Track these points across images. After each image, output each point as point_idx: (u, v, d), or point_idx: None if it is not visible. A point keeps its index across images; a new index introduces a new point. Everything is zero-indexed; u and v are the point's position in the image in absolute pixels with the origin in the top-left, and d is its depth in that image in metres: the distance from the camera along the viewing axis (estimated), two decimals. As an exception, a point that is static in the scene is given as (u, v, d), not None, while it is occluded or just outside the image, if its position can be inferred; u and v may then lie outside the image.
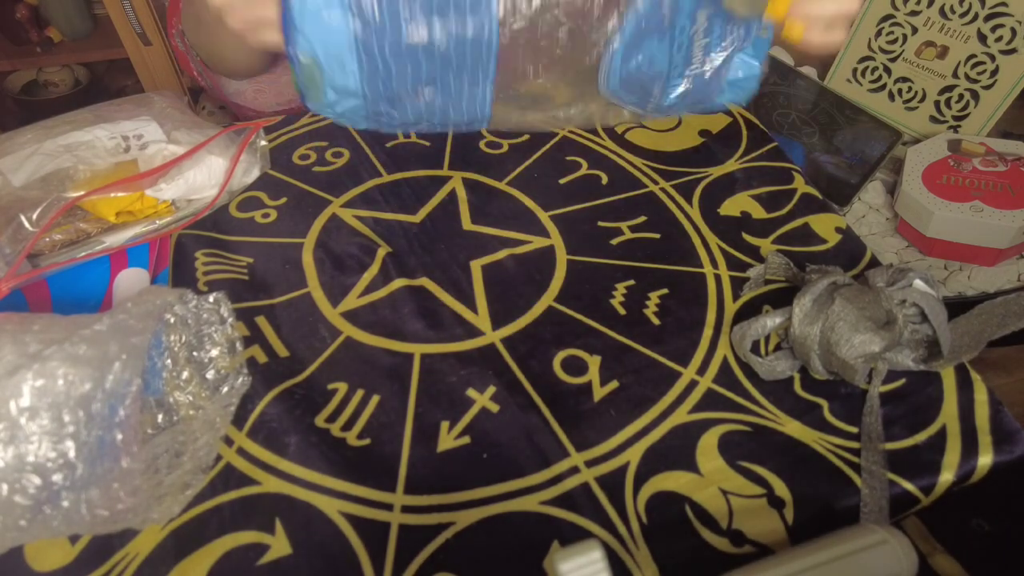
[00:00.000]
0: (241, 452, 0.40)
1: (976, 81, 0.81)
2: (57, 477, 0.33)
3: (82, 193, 0.48)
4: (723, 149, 0.62)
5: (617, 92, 0.42)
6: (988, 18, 0.78)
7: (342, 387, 0.43)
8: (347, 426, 0.41)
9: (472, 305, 0.48)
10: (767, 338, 0.47)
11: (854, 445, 0.41)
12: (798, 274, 0.48)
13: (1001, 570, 0.45)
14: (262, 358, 0.44)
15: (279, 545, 0.36)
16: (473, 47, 0.37)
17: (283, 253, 0.52)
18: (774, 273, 0.50)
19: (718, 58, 0.45)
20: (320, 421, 0.41)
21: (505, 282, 0.49)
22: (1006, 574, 0.45)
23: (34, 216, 0.47)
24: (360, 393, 0.43)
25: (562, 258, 0.51)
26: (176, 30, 0.64)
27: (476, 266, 0.50)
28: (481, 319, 0.47)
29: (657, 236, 0.54)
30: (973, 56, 0.80)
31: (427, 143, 0.61)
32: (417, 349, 0.45)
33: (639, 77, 0.42)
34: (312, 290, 0.49)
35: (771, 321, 0.44)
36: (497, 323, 0.47)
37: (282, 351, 0.45)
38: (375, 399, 0.43)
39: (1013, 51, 0.77)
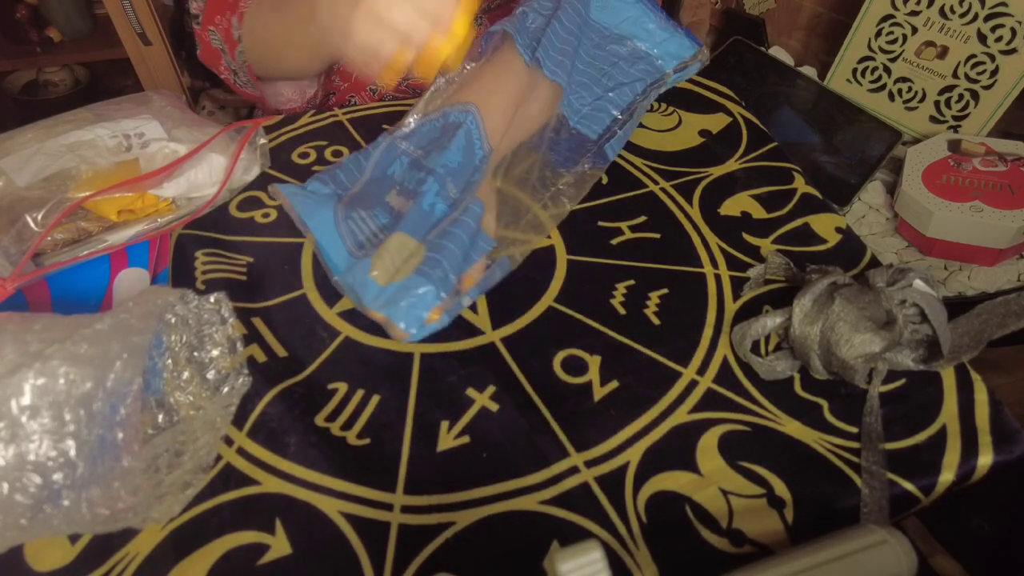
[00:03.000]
0: (241, 452, 0.40)
1: (976, 81, 0.81)
2: (58, 476, 0.33)
3: (89, 194, 0.48)
4: (723, 149, 0.62)
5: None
6: (988, 18, 0.78)
7: (342, 387, 0.43)
8: (347, 425, 0.41)
9: (472, 305, 0.48)
10: (767, 338, 0.47)
11: (854, 445, 0.41)
12: (798, 274, 0.48)
13: (1001, 570, 0.45)
14: (261, 357, 0.44)
15: (279, 545, 0.36)
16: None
17: (282, 253, 0.52)
18: (774, 273, 0.50)
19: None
20: (320, 420, 0.41)
21: (505, 282, 0.49)
22: (1007, 574, 0.45)
23: (39, 216, 0.47)
24: (360, 392, 0.43)
25: (562, 258, 0.51)
26: (217, 25, 0.64)
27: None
28: (481, 319, 0.47)
29: (657, 236, 0.54)
30: (973, 56, 0.80)
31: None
32: (417, 349, 0.45)
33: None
34: (308, 291, 0.49)
35: (771, 321, 0.44)
36: (497, 323, 0.47)
37: (280, 351, 0.45)
38: (375, 399, 0.43)
39: (1013, 51, 0.77)
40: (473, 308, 0.48)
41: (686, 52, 0.60)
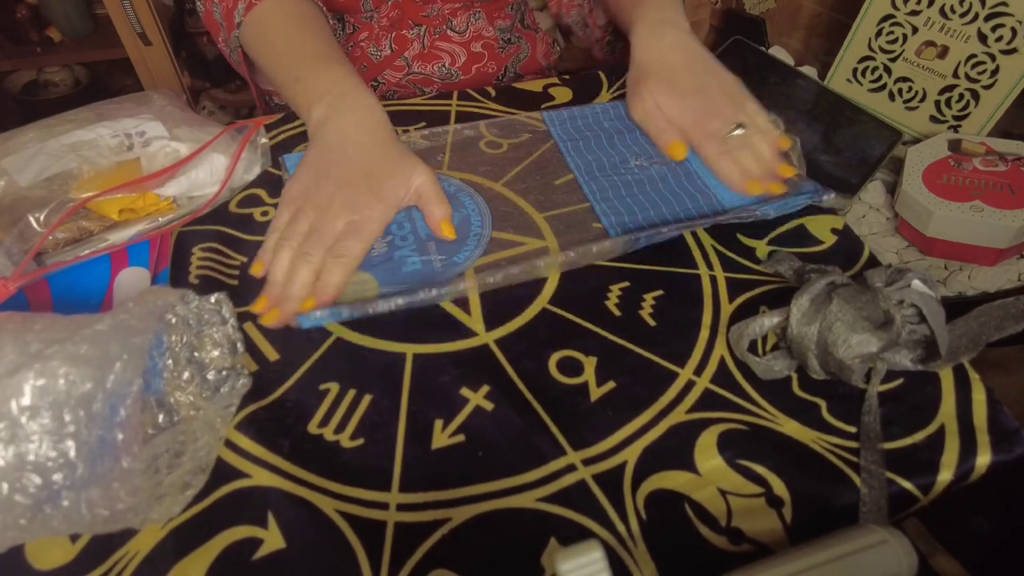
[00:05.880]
0: (229, 445, 0.40)
1: (976, 81, 0.81)
2: (57, 476, 0.33)
3: (91, 194, 0.49)
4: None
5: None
6: (988, 18, 0.78)
7: (334, 387, 0.43)
8: (340, 428, 0.41)
9: (465, 306, 0.48)
10: (764, 338, 0.47)
11: (852, 444, 0.41)
12: (797, 273, 0.48)
13: (1002, 570, 0.45)
14: (252, 366, 0.44)
15: (272, 539, 0.36)
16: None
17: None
18: (775, 265, 0.50)
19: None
20: (313, 427, 0.41)
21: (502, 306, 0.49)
22: (1007, 574, 0.45)
23: (42, 216, 0.47)
24: (352, 393, 0.43)
25: (556, 260, 0.51)
26: (220, 1, 0.64)
27: (474, 292, 0.50)
28: (474, 320, 0.47)
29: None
30: (973, 56, 0.80)
31: (427, 142, 0.61)
32: (409, 349, 0.45)
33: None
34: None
35: (769, 321, 0.44)
36: (490, 324, 0.47)
37: (272, 354, 0.45)
38: (367, 398, 0.43)
39: (1013, 51, 0.77)
40: (466, 309, 0.48)
41: (802, 198, 0.55)
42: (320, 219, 0.49)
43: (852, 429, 0.42)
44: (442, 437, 0.41)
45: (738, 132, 0.57)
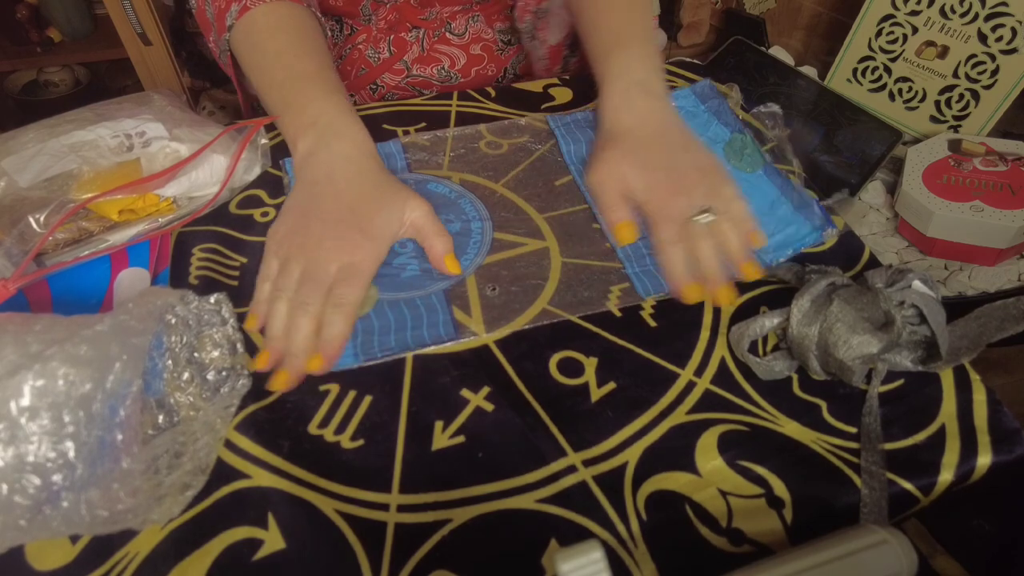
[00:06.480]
0: (229, 445, 0.40)
1: (976, 81, 0.81)
2: (57, 477, 0.33)
3: (92, 195, 0.49)
4: (723, 149, 0.62)
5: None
6: (988, 18, 0.78)
7: (334, 388, 0.43)
8: (340, 429, 0.41)
9: (465, 307, 0.48)
10: (765, 339, 0.47)
11: (853, 445, 0.41)
12: (799, 274, 0.48)
13: (1002, 570, 0.45)
14: (252, 366, 0.44)
15: (272, 540, 0.36)
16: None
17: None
18: (775, 271, 0.50)
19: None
20: (313, 428, 0.41)
21: (499, 284, 0.49)
22: (1007, 574, 0.45)
23: (42, 217, 0.47)
24: (352, 394, 0.43)
25: (556, 260, 0.51)
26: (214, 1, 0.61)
27: (473, 290, 0.50)
28: (475, 321, 0.47)
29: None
30: (973, 56, 0.80)
31: (427, 142, 0.61)
32: (409, 350, 0.45)
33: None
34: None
35: (769, 321, 0.44)
36: (491, 325, 0.47)
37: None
38: (367, 399, 0.43)
39: (1013, 51, 0.77)
40: (466, 311, 0.48)
41: (807, 238, 0.52)
42: (312, 265, 0.46)
43: (853, 430, 0.42)
44: (442, 438, 0.41)
45: (704, 218, 0.49)
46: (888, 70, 0.88)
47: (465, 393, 0.43)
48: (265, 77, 0.57)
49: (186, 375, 0.41)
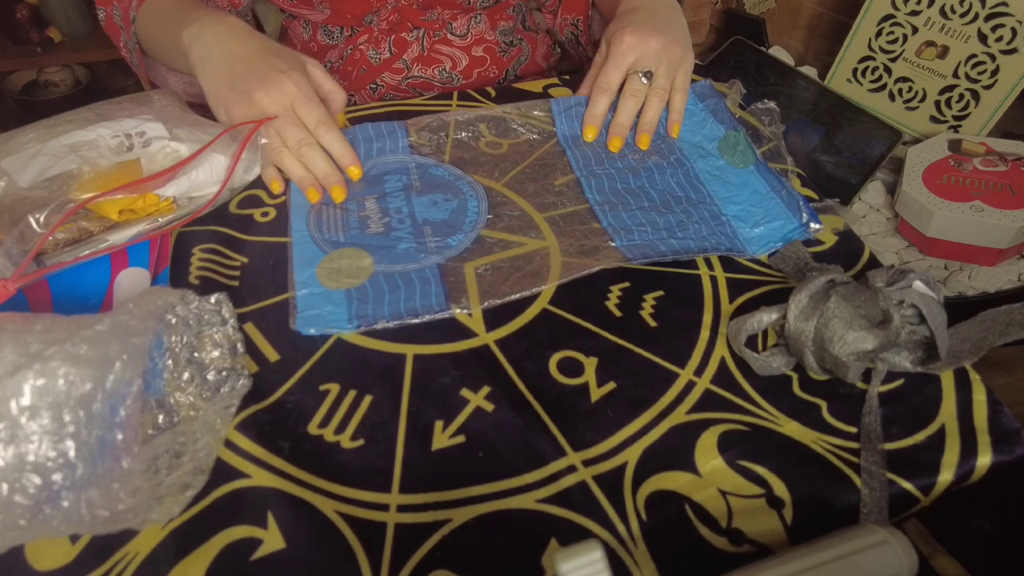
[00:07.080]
0: (229, 445, 0.40)
1: (976, 81, 0.81)
2: (57, 477, 0.33)
3: (92, 195, 0.49)
4: (723, 149, 0.62)
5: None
6: (988, 18, 0.78)
7: (334, 388, 0.43)
8: (340, 429, 0.41)
9: (460, 282, 0.48)
10: (764, 336, 0.47)
11: (853, 445, 0.41)
12: (802, 267, 0.48)
13: (1001, 570, 0.45)
14: (252, 367, 0.44)
15: (272, 539, 0.36)
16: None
17: (277, 253, 0.52)
18: (779, 262, 0.50)
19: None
20: (313, 428, 0.41)
21: (499, 284, 0.49)
22: (1007, 575, 0.45)
23: (42, 217, 0.47)
24: (352, 393, 0.43)
25: (556, 260, 0.51)
26: (120, 1, 0.65)
27: (470, 267, 0.50)
28: (475, 321, 0.47)
29: (655, 237, 0.54)
30: (973, 56, 0.80)
31: (427, 143, 0.61)
32: (409, 350, 0.45)
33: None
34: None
35: (767, 316, 0.44)
36: (490, 325, 0.47)
37: (272, 355, 0.45)
38: (367, 399, 0.43)
39: (1013, 51, 0.77)
40: (460, 285, 0.48)
41: (792, 233, 0.54)
42: (280, 121, 0.54)
43: (852, 430, 0.42)
44: (442, 438, 0.41)
45: (641, 78, 0.57)
46: (888, 70, 0.88)
47: (465, 393, 0.43)
48: (162, 30, 0.61)
49: (186, 375, 0.41)
